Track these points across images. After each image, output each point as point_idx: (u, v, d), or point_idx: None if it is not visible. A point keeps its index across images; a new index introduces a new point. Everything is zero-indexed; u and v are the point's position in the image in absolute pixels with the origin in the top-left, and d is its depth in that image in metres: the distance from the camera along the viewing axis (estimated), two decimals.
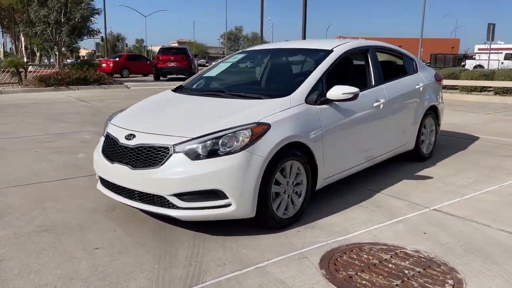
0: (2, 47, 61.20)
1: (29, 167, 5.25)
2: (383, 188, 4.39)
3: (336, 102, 3.80)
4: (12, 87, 17.11)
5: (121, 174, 3.27)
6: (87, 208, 3.86)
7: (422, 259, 2.90)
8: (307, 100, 3.62)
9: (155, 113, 3.79)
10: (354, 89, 3.68)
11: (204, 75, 4.63)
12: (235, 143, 3.07)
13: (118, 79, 22.48)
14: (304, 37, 20.00)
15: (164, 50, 25.07)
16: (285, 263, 2.86)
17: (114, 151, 3.40)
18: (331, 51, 4.14)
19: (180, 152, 3.06)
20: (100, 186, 3.66)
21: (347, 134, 3.94)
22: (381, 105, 4.35)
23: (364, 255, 2.94)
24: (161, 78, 24.61)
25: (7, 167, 5.22)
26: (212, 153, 3.05)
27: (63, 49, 20.12)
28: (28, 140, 6.83)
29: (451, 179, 4.72)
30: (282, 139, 3.23)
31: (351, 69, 4.44)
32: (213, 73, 4.66)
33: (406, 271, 2.73)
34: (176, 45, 71.07)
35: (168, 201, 3.08)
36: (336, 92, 3.69)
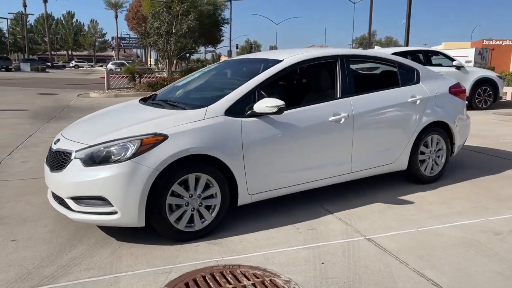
0: (149, 56, 68.58)
1: None
2: (341, 210, 4.01)
3: (271, 116, 3.61)
4: (127, 91, 19.29)
5: (46, 175, 3.60)
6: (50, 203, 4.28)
7: None
8: (229, 112, 3.51)
9: (94, 121, 4.03)
10: (279, 102, 3.46)
11: (176, 85, 4.76)
12: (123, 152, 3.15)
13: None
14: (406, 41, 18.76)
15: None
16: (143, 276, 2.85)
17: (48, 153, 3.75)
18: (280, 61, 3.93)
19: (78, 158, 3.25)
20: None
21: (284, 149, 3.69)
22: (342, 119, 3.98)
23: (228, 278, 2.78)
24: None
25: (35, 162, 5.98)
26: (103, 161, 3.17)
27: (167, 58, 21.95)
28: None
29: (432, 207, 4.08)
30: (179, 151, 3.21)
31: (309, 80, 4.13)
32: (181, 82, 4.76)
33: None
34: None
35: (66, 203, 3.29)
36: (261, 105, 3.51)
